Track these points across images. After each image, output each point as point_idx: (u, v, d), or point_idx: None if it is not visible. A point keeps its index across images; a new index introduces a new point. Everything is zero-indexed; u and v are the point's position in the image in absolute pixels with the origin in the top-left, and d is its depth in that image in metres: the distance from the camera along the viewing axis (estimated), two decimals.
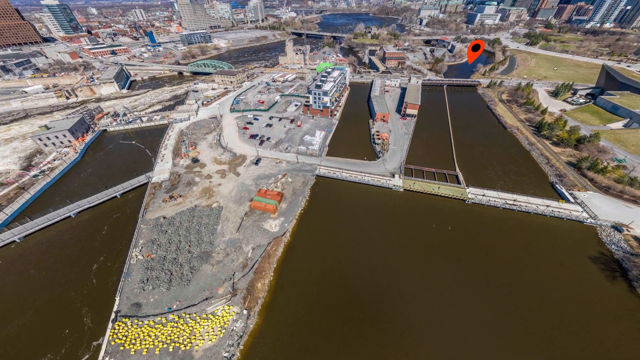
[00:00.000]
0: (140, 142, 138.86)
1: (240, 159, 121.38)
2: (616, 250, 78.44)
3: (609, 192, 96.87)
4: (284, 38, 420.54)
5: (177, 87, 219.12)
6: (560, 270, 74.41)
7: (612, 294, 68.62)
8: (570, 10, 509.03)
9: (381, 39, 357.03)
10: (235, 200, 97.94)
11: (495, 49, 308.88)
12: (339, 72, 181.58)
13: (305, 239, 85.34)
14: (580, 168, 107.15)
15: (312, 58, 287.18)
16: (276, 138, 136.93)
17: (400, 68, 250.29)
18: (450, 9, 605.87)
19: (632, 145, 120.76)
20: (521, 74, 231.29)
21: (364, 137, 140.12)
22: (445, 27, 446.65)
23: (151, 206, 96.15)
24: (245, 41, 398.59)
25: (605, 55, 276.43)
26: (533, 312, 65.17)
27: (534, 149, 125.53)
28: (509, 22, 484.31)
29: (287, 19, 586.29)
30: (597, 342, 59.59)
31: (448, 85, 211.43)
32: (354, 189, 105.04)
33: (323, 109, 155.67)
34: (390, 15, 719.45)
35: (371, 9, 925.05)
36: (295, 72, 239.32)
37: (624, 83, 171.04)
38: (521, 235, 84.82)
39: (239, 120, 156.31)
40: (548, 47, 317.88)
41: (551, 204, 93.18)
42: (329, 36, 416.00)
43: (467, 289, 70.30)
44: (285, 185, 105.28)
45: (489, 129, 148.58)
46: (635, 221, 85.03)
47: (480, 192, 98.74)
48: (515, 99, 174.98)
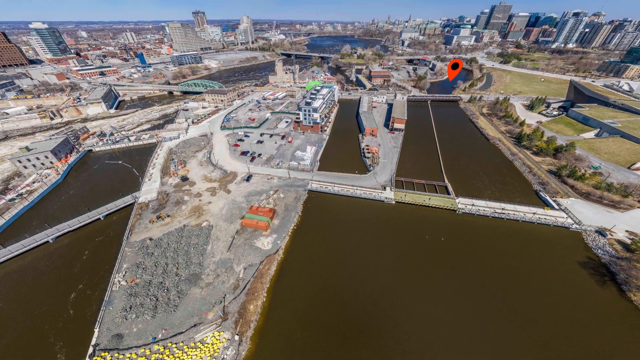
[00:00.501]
0: (127, 161, 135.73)
1: (231, 176, 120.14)
2: (603, 255, 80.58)
3: (589, 198, 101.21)
4: (273, 58, 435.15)
5: (167, 106, 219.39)
6: (552, 276, 75.26)
7: (603, 298, 69.50)
8: (537, 33, 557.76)
9: (366, 58, 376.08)
10: (225, 219, 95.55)
11: (473, 67, 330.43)
12: (327, 89, 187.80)
13: (298, 255, 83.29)
14: (561, 176, 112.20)
15: (302, 77, 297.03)
16: (267, 154, 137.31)
17: (386, 85, 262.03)
18: (429, 32, 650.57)
19: (605, 153, 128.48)
20: (498, 89, 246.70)
21: (354, 151, 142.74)
22: (426, 48, 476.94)
23: (137, 227, 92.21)
24: (235, 62, 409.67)
25: (571, 72, 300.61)
26: (527, 318, 64.68)
27: (516, 159, 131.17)
28: (483, 43, 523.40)
29: (276, 40, 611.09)
30: (591, 347, 59.30)
31: (432, 100, 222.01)
32: (347, 203, 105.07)
33: (313, 125, 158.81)
34: (374, 37, 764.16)
35: (356, 31, 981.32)
36: (285, 90, 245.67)
37: (591, 96, 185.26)
38: (511, 243, 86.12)
39: (229, 137, 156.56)
40: (520, 65, 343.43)
41: (537, 211, 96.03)
42: (317, 56, 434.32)
43: (463, 299, 69.49)
44: (278, 201, 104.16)
45: (473, 141, 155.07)
46: (617, 225, 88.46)
47: (470, 202, 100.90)
48: (495, 112, 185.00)
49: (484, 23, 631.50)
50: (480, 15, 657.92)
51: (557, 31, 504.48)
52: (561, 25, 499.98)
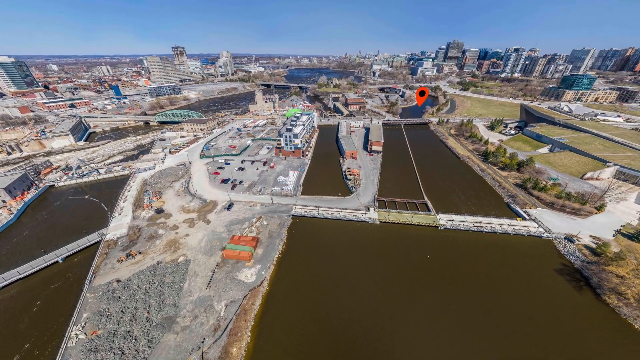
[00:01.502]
0: (95, 195, 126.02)
1: (210, 205, 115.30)
2: (575, 260, 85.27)
3: (554, 207, 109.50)
4: (253, 89, 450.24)
5: (143, 136, 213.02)
6: (532, 285, 77.35)
7: (581, 303, 72.02)
8: (488, 64, 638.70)
9: (342, 87, 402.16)
10: (205, 251, 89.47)
11: (438, 94, 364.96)
12: (307, 116, 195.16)
13: (285, 286, 78.68)
14: (526, 188, 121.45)
15: (281, 105, 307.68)
16: (249, 181, 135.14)
17: (362, 111, 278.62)
18: (396, 64, 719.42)
19: (560, 165, 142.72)
20: (462, 112, 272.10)
21: (336, 174, 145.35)
22: (395, 78, 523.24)
23: (102, 269, 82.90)
24: (215, 92, 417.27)
25: (520, 96, 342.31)
26: (515, 331, 64.49)
27: (486, 174, 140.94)
28: (444, 73, 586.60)
29: (255, 72, 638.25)
30: (575, 352, 59.73)
31: (405, 124, 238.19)
32: (332, 226, 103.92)
33: (295, 150, 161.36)
34: (347, 69, 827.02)
35: (331, 64, 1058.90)
36: (265, 118, 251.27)
37: (539, 117, 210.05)
38: (492, 255, 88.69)
39: (209, 165, 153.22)
40: (477, 91, 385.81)
41: (511, 222, 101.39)
42: (296, 86, 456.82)
43: (453, 317, 68.26)
44: (261, 229, 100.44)
45: (445, 160, 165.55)
46: (582, 231, 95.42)
47: (450, 218, 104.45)
48: (461, 133, 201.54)
49: (443, 56, 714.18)
50: (439, 50, 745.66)
51: (504, 63, 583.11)
52: (506, 59, 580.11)
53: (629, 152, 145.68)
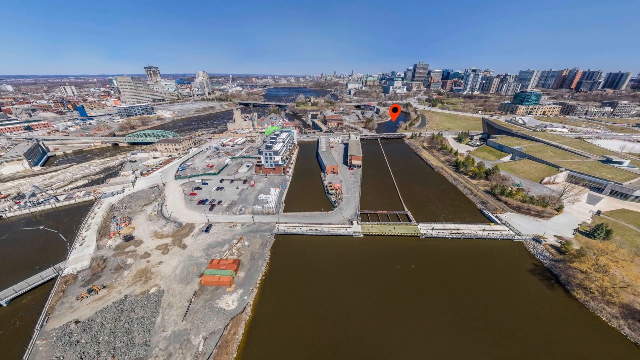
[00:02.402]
0: (52, 225, 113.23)
1: (187, 228, 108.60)
2: (544, 260, 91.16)
3: (520, 210, 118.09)
4: (231, 107, 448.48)
5: (110, 158, 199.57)
6: (510, 286, 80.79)
7: (554, 300, 76.23)
8: (451, 83, 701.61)
9: (320, 105, 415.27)
10: (180, 280, 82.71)
11: (409, 110, 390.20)
12: (286, 133, 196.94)
13: (269, 310, 74.32)
14: (495, 194, 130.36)
15: (260, 123, 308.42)
16: (228, 200, 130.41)
17: (340, 127, 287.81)
18: (369, 83, 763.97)
19: (521, 172, 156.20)
20: (432, 127, 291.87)
21: (318, 189, 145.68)
22: (369, 96, 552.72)
23: (58, 309, 72.77)
24: (191, 111, 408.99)
25: (481, 111, 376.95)
26: (498, 330, 65.97)
27: (459, 183, 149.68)
28: (413, 91, 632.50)
29: (233, 92, 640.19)
30: (558, 349, 62.11)
31: (381, 138, 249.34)
32: (316, 242, 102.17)
33: (275, 167, 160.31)
34: (324, 88, 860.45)
35: (308, 83, 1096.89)
36: (244, 136, 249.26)
37: (499, 129, 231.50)
38: (471, 261, 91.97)
39: (185, 186, 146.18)
40: (444, 107, 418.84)
41: (485, 227, 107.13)
42: (274, 105, 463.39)
43: (443, 325, 68.37)
44: (242, 250, 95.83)
45: (420, 171, 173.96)
46: (546, 232, 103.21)
47: (429, 227, 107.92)
48: (433, 145, 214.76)
49: (411, 76, 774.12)
50: (407, 71, 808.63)
51: (464, 82, 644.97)
52: (466, 78, 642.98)
53: (576, 158, 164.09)
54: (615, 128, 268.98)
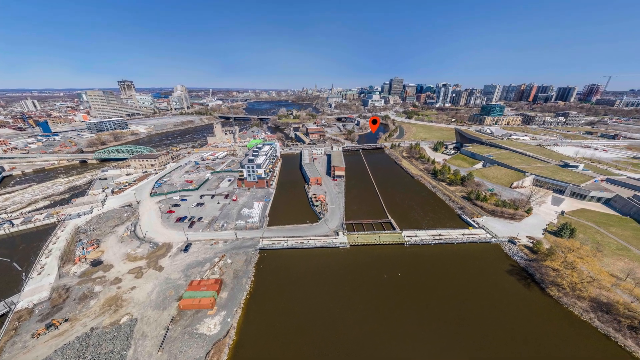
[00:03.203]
0: (4, 254, 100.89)
1: (164, 248, 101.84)
2: (519, 260, 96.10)
3: (495, 214, 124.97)
4: (211, 121, 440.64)
5: (78, 177, 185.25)
6: (490, 288, 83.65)
7: (531, 298, 79.87)
8: (424, 97, 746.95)
9: (302, 118, 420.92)
10: (156, 305, 76.37)
11: (388, 122, 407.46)
12: (269, 146, 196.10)
13: (255, 331, 70.33)
14: (471, 199, 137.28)
15: (242, 137, 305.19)
16: (209, 217, 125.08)
17: (322, 139, 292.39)
18: (349, 96, 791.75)
19: (493, 178, 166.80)
20: (409, 137, 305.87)
21: (303, 201, 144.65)
22: (349, 109, 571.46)
23: (8, 351, 63.54)
24: (169, 125, 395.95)
25: (453, 122, 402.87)
26: (484, 332, 67.37)
27: (437, 190, 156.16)
28: (391, 104, 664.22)
29: (213, 105, 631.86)
30: (534, 342, 64.49)
31: (363, 149, 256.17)
32: (303, 256, 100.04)
33: (258, 180, 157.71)
34: (305, 101, 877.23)
35: (289, 97, 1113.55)
36: (226, 150, 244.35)
37: (470, 138, 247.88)
38: (454, 265, 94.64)
39: (162, 204, 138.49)
40: (419, 119, 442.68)
41: (464, 232, 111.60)
42: (256, 118, 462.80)
43: (429, 330, 68.61)
44: (225, 269, 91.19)
45: (401, 179, 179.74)
46: (519, 233, 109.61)
47: (413, 234, 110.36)
48: (412, 155, 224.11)
49: (388, 90, 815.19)
50: (384, 85, 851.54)
51: (437, 96, 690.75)
52: (438, 92, 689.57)
53: (539, 163, 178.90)
54: (569, 136, 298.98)
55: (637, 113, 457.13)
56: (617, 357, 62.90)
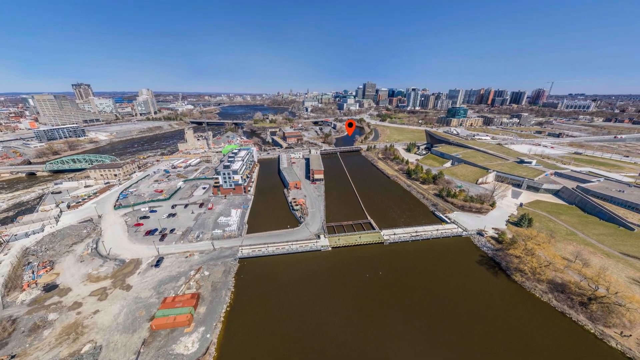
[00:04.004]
0: None
1: (131, 265, 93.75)
2: (487, 251, 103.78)
3: (464, 209, 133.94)
4: (182, 127, 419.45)
5: (24, 191, 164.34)
6: (464, 279, 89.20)
7: (500, 285, 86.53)
8: (397, 100, 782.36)
9: (278, 122, 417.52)
10: (124, 329, 69.74)
11: (363, 125, 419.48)
12: (245, 151, 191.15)
13: (237, 346, 67.22)
14: (443, 196, 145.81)
15: (216, 142, 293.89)
16: (183, 227, 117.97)
17: (300, 143, 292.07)
18: (325, 100, 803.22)
19: (461, 175, 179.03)
20: (384, 139, 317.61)
21: (283, 206, 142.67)
22: (325, 112, 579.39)
23: None
24: (134, 132, 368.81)
25: (423, 124, 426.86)
26: (462, 322, 71.44)
27: (412, 189, 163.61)
28: (365, 107, 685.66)
29: (184, 110, 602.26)
30: (512, 332, 69.95)
31: (340, 152, 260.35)
32: (285, 262, 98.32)
33: (235, 187, 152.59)
34: (281, 105, 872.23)
35: (265, 101, 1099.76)
36: (199, 157, 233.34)
37: (439, 139, 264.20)
38: (430, 259, 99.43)
39: (128, 216, 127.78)
40: (392, 121, 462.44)
41: (438, 227, 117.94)
42: (231, 123, 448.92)
43: (413, 325, 71.01)
44: (202, 282, 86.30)
45: (378, 180, 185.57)
46: (486, 225, 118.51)
47: (392, 232, 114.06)
48: (387, 156, 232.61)
49: (362, 94, 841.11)
50: (358, 89, 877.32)
51: (407, 99, 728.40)
52: (408, 96, 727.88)
53: (499, 160, 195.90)
54: (523, 135, 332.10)
55: (575, 114, 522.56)
56: (572, 331, 70.26)
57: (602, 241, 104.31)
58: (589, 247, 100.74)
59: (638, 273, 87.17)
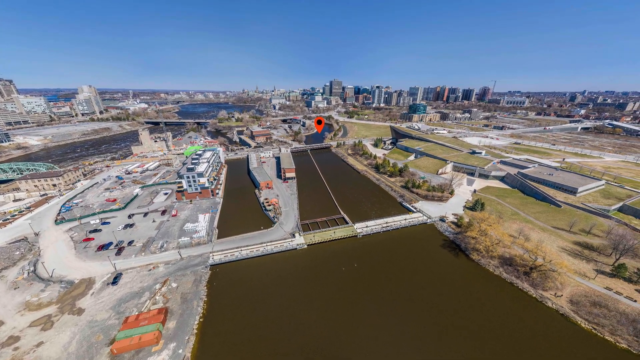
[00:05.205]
0: None
1: (82, 286, 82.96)
2: (449, 235, 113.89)
3: (427, 198, 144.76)
4: (135, 128, 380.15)
5: None
6: (432, 262, 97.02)
7: (461, 265, 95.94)
8: (362, 97, 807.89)
9: (245, 121, 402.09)
10: (78, 358, 61.65)
11: (332, 122, 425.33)
12: (211, 152, 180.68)
13: (214, 357, 64.00)
14: (408, 187, 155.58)
15: (177, 144, 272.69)
16: (144, 238, 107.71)
17: (269, 142, 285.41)
18: (292, 98, 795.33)
19: (423, 167, 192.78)
20: (353, 135, 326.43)
21: (255, 207, 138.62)
22: (294, 110, 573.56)
23: None
24: (75, 135, 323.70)
25: (388, 120, 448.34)
26: (430, 303, 78.01)
27: (381, 182, 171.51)
28: (333, 105, 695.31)
29: (136, 109, 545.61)
30: (468, 304, 78.34)
31: (310, 149, 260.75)
32: (260, 264, 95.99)
33: (202, 190, 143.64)
34: (247, 103, 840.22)
35: (229, 98, 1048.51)
36: (158, 160, 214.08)
37: (403, 134, 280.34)
38: (400, 248, 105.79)
39: (74, 231, 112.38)
40: (360, 118, 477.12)
41: (406, 217, 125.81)
42: (192, 122, 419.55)
43: (389, 311, 75.18)
44: (170, 295, 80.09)
45: (349, 175, 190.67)
46: (447, 212, 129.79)
47: (364, 225, 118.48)
48: (356, 152, 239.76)
49: (329, 91, 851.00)
50: (325, 86, 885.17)
51: (372, 97, 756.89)
52: (373, 93, 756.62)
53: (455, 152, 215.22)
54: (473, 128, 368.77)
55: (514, 109, 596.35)
56: (519, 297, 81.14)
57: (539, 218, 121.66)
58: (529, 224, 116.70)
59: (565, 242, 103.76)
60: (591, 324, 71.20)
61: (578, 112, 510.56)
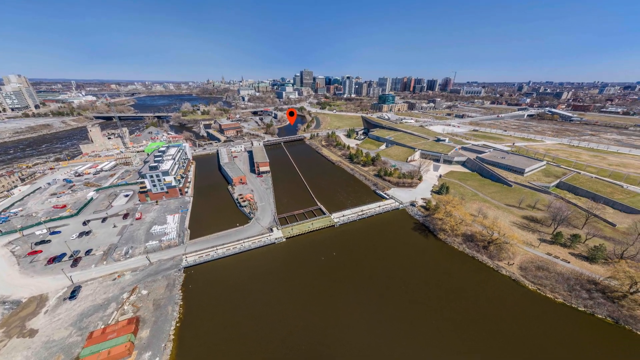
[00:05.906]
0: None
1: (32, 304, 73.71)
2: (419, 218, 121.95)
3: (399, 185, 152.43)
4: (82, 124, 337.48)
5: None
6: (405, 246, 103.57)
7: (428, 244, 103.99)
8: (333, 88, 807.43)
9: (212, 114, 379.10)
10: None
11: (304, 113, 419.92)
12: (176, 148, 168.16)
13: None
14: (381, 176, 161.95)
15: (136, 140, 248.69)
16: (104, 246, 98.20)
17: (240, 135, 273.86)
18: (262, 89, 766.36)
19: (394, 156, 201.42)
20: (326, 127, 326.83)
21: (228, 204, 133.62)
22: (264, 102, 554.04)
23: None
24: (6, 134, 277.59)
25: (359, 111, 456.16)
26: (406, 284, 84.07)
27: (355, 172, 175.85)
28: (304, 96, 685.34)
29: (83, 102, 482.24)
30: (439, 280, 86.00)
31: (284, 142, 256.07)
32: (238, 262, 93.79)
33: (168, 189, 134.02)
34: (213, 95, 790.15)
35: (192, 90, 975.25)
36: (114, 159, 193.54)
37: (374, 124, 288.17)
38: (376, 234, 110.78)
39: (16, 245, 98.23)
40: (332, 109, 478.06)
41: (380, 204, 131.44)
42: (152, 116, 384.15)
43: (371, 297, 79.31)
44: (140, 303, 74.93)
45: (323, 166, 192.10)
46: (417, 197, 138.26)
47: (341, 214, 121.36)
48: (330, 143, 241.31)
49: (300, 82, 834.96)
50: (296, 77, 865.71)
51: (343, 87, 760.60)
52: (344, 84, 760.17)
53: (422, 140, 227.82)
54: (438, 117, 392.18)
55: (472, 99, 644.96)
56: (480, 269, 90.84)
57: (494, 197, 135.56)
58: (486, 203, 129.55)
59: (515, 217, 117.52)
60: (536, 285, 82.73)
61: (524, 100, 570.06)
